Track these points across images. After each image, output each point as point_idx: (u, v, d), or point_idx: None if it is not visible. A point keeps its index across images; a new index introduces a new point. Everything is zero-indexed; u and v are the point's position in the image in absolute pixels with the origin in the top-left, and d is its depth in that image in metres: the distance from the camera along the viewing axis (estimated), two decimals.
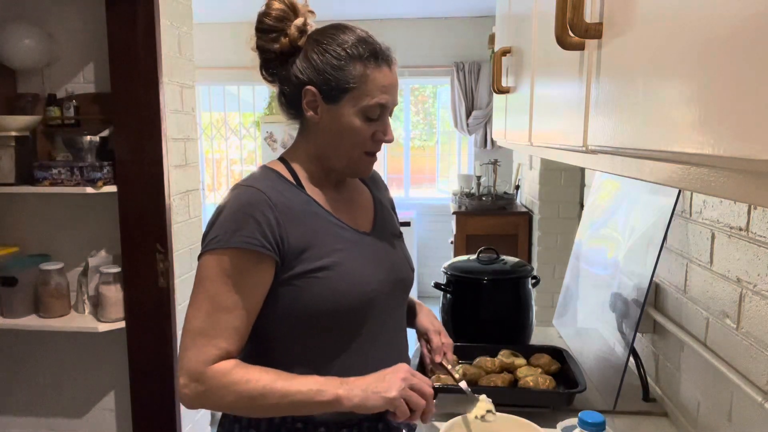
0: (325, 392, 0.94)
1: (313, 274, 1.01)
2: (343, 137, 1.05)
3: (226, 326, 0.97)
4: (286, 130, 4.99)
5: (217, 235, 0.98)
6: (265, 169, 1.08)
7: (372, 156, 1.10)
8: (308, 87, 1.04)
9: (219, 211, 1.01)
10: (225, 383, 0.94)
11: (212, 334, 0.96)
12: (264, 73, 1.10)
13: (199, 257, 1.01)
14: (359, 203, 1.18)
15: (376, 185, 1.27)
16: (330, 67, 1.02)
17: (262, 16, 1.05)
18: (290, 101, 1.08)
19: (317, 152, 1.09)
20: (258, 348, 1.06)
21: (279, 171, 1.08)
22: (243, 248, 0.96)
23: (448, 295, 1.75)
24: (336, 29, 1.06)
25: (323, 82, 1.03)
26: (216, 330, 0.96)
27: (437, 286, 1.77)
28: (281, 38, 1.05)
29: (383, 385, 0.95)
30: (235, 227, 0.97)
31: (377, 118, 1.05)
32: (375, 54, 1.03)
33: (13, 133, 2.13)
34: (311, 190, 1.08)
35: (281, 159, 1.12)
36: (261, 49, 1.07)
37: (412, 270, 1.20)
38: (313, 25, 1.08)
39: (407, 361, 1.21)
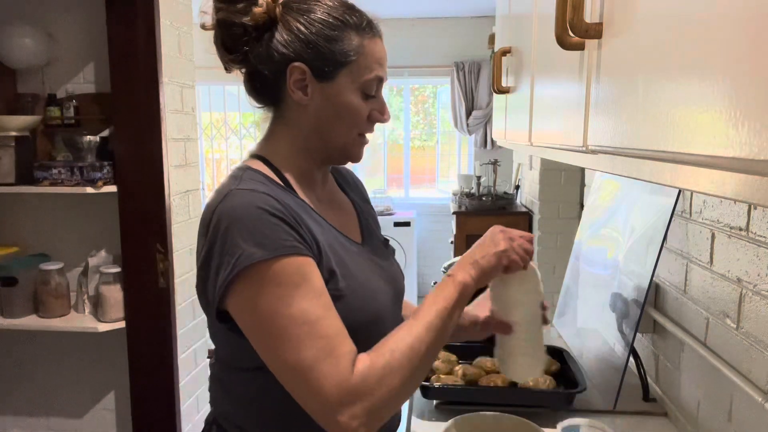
0: (450, 294, 0.88)
1: (328, 289, 0.85)
2: (340, 119, 0.92)
3: (334, 332, 0.80)
4: None
5: (245, 252, 0.79)
6: (252, 172, 0.91)
7: (365, 139, 0.98)
8: (295, 64, 0.89)
9: (225, 225, 0.81)
10: (381, 374, 0.79)
11: (332, 349, 0.79)
12: (227, 54, 0.93)
13: (228, 290, 0.80)
14: (342, 208, 1.06)
15: (349, 186, 1.13)
16: (323, 39, 0.89)
17: None
18: (268, 83, 0.93)
19: (305, 141, 0.95)
20: (258, 377, 0.87)
21: (264, 173, 0.91)
22: (292, 254, 0.80)
23: None
24: None
25: (315, 57, 0.89)
26: (331, 343, 0.79)
27: None
28: (252, 8, 0.89)
29: (489, 247, 0.93)
30: (267, 234, 0.80)
31: (374, 94, 0.94)
32: (370, 24, 0.93)
33: (13, 133, 2.13)
34: (301, 192, 0.94)
35: (258, 157, 0.95)
36: (226, 23, 0.90)
37: (403, 277, 1.11)
38: None
39: None
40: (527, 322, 1.01)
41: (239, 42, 0.91)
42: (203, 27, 0.94)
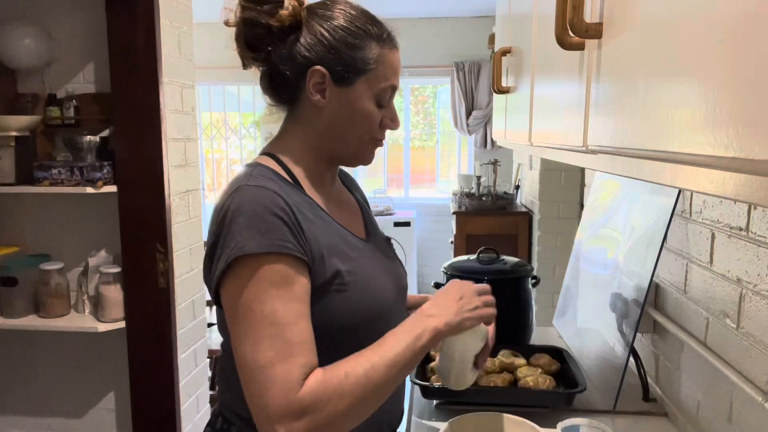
0: (422, 336, 0.87)
1: (333, 287, 0.90)
2: (354, 123, 0.95)
3: (298, 341, 0.81)
4: None
5: (246, 244, 0.81)
6: (263, 168, 0.93)
7: (378, 143, 1.00)
8: (316, 67, 0.92)
9: (230, 218, 0.84)
10: (329, 395, 0.78)
11: (290, 355, 0.79)
12: (250, 52, 0.95)
13: (222, 279, 0.84)
14: (349, 206, 1.09)
15: (352, 185, 1.17)
16: (345, 46, 0.92)
17: None
18: (287, 83, 0.95)
19: (318, 141, 0.97)
20: None
21: (275, 170, 0.94)
22: (282, 253, 0.82)
23: None
24: (335, 3, 0.95)
25: (336, 63, 0.92)
26: (290, 350, 0.80)
27: (437, 286, 1.77)
28: (279, 10, 0.91)
29: (465, 303, 0.94)
30: (266, 230, 0.82)
31: (386, 102, 0.97)
32: (389, 35, 0.96)
33: (13, 133, 2.13)
34: (310, 191, 0.96)
35: (270, 154, 0.98)
36: (252, 22, 0.92)
37: (406, 275, 1.13)
38: None
39: None
40: (459, 360, 1.04)
41: (263, 41, 0.94)
42: (226, 24, 0.95)
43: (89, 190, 2.12)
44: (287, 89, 0.97)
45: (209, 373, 2.72)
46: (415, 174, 5.75)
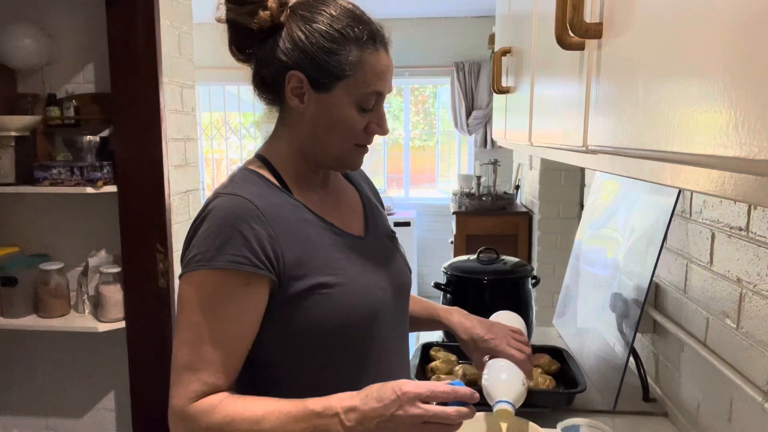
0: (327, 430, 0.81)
1: (317, 290, 0.89)
2: (333, 129, 0.93)
3: (212, 359, 0.85)
4: None
5: (198, 254, 0.85)
6: (246, 172, 0.94)
7: (364, 148, 0.98)
8: (293, 72, 0.90)
9: (197, 225, 0.88)
10: (208, 424, 0.83)
11: (197, 368, 0.85)
12: (235, 51, 0.95)
13: (180, 277, 0.89)
14: (347, 204, 1.07)
15: (359, 180, 1.15)
16: (321, 51, 0.89)
17: None
18: (269, 85, 0.95)
19: (302, 145, 0.96)
20: (255, 374, 0.93)
21: (260, 173, 0.95)
22: (230, 269, 0.84)
23: (448, 295, 1.75)
24: (321, 2, 0.92)
25: (312, 68, 0.90)
26: (201, 364, 0.85)
27: (437, 286, 1.77)
28: (259, 11, 0.90)
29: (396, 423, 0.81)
30: (220, 244, 0.84)
31: (371, 108, 0.94)
32: (373, 36, 0.91)
33: (13, 133, 2.13)
34: (298, 192, 0.96)
35: (260, 157, 0.98)
36: (233, 23, 0.92)
37: (410, 271, 1.11)
38: None
39: (408, 369, 1.13)
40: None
41: (244, 43, 0.94)
42: (218, 20, 0.95)
43: (89, 190, 2.12)
44: (270, 92, 0.96)
45: None
46: (415, 174, 5.75)
